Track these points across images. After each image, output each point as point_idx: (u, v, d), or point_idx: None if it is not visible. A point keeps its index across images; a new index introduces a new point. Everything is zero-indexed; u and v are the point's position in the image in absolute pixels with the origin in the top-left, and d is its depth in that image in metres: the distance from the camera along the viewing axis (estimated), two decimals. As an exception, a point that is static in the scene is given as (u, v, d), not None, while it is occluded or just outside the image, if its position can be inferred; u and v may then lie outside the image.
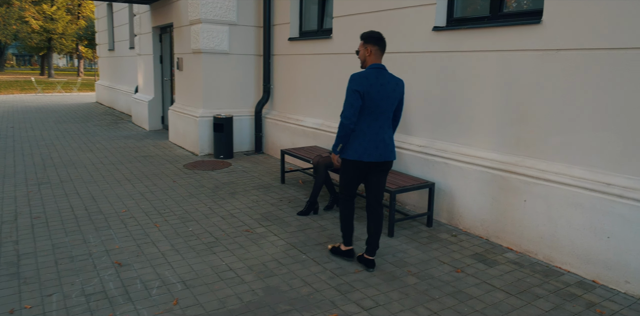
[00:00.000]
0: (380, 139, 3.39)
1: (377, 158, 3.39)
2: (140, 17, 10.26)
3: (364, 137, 3.36)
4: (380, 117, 3.38)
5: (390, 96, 3.37)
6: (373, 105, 3.32)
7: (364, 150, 3.36)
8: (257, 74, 7.88)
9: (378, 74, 3.35)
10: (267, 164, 7.03)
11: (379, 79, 3.33)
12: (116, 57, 14.26)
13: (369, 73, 3.34)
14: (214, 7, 7.24)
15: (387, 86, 3.35)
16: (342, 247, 3.78)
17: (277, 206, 5.06)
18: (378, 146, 3.39)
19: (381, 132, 3.40)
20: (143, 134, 9.69)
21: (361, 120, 3.36)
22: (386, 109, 3.38)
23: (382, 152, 3.41)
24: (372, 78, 3.32)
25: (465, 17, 4.52)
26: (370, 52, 3.42)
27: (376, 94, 3.31)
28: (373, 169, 3.48)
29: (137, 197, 5.30)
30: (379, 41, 3.43)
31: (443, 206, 4.62)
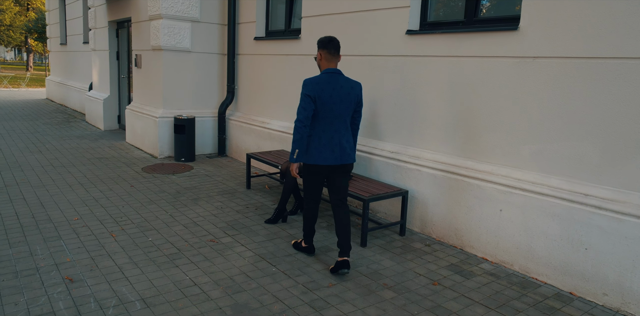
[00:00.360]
0: (336, 143, 3.48)
1: (333, 161, 3.48)
2: (95, 10, 9.73)
3: (320, 142, 3.46)
4: (335, 122, 3.47)
5: (345, 99, 3.45)
6: (326, 109, 3.41)
7: (319, 154, 3.45)
8: (220, 73, 7.58)
9: (330, 78, 3.43)
10: (231, 168, 6.75)
11: (331, 84, 3.41)
12: (69, 52, 13.55)
13: (321, 78, 3.43)
14: (176, 2, 6.90)
15: (341, 90, 3.43)
16: (302, 243, 3.92)
17: (243, 214, 4.82)
18: (334, 149, 3.47)
19: (337, 136, 3.48)
20: (98, 134, 9.18)
21: (316, 125, 3.46)
22: (341, 113, 3.46)
23: (339, 155, 3.49)
24: (324, 83, 3.40)
25: (439, 22, 4.43)
26: (322, 57, 3.52)
27: (328, 98, 3.40)
28: (333, 172, 3.57)
29: (90, 203, 4.93)
30: (327, 45, 3.49)
31: (416, 215, 4.51)
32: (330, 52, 3.49)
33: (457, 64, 4.12)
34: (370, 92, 4.98)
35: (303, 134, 3.40)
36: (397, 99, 4.69)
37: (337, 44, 3.52)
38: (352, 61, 5.15)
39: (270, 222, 4.58)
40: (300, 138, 3.40)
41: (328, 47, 3.49)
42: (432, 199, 4.34)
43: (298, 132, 3.39)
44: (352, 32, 5.11)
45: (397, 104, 4.70)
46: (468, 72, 4.05)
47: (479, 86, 3.97)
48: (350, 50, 5.16)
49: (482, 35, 3.91)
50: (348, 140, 3.55)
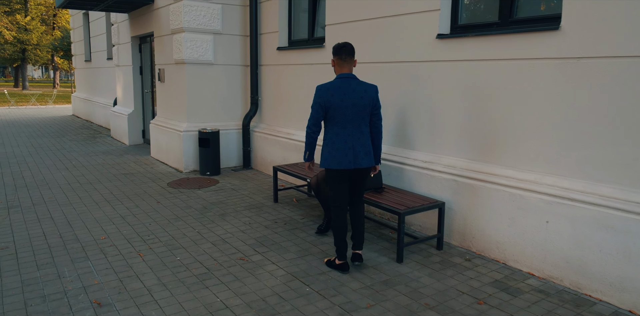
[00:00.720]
0: (349, 147, 3.52)
1: (347, 165, 3.53)
2: (118, 26, 9.81)
3: (333, 146, 3.54)
4: (347, 126, 3.53)
5: (357, 103, 3.49)
6: (338, 114, 3.49)
7: (333, 158, 3.53)
8: (244, 85, 7.50)
9: (342, 83, 3.51)
10: (257, 181, 6.63)
11: (343, 89, 3.49)
12: (93, 68, 13.73)
13: (333, 83, 3.53)
14: (198, 15, 6.86)
15: (353, 94, 3.49)
16: (336, 261, 3.75)
17: (272, 229, 4.66)
18: (347, 153, 3.52)
19: (350, 140, 3.53)
20: (123, 149, 9.19)
21: (328, 130, 3.58)
22: (353, 117, 3.52)
23: (352, 159, 3.53)
24: (335, 88, 3.49)
25: (471, 24, 4.23)
26: (334, 63, 3.63)
27: (340, 102, 3.47)
28: (351, 176, 3.66)
29: (117, 221, 4.85)
30: (338, 51, 3.59)
31: (453, 227, 4.28)
32: (342, 58, 3.58)
33: (492, 67, 3.92)
34: (400, 99, 4.80)
35: (311, 139, 3.64)
36: (429, 106, 4.50)
37: (349, 50, 3.59)
38: (380, 68, 4.99)
39: (321, 232, 4.50)
40: (309, 142, 3.66)
41: (339, 53, 3.58)
42: (471, 211, 4.11)
43: (307, 137, 3.66)
44: (379, 39, 4.95)
45: (428, 111, 4.51)
46: (505, 76, 3.83)
47: (517, 90, 3.75)
48: (378, 57, 5.00)
49: (519, 37, 3.69)
50: (363, 144, 3.57)
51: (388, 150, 4.98)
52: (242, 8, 7.26)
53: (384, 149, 5.03)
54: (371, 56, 5.07)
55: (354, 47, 3.63)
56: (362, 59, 5.19)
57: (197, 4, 6.83)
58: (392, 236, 4.51)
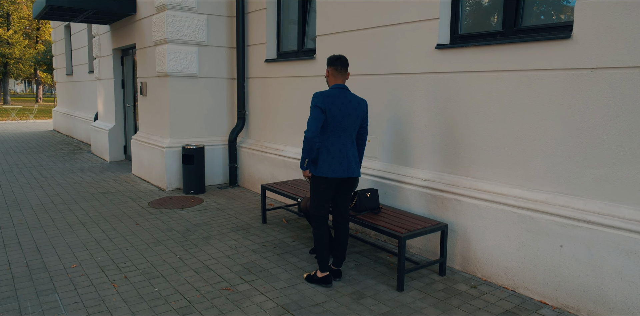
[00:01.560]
0: (343, 156, 3.55)
1: (341, 173, 3.54)
2: (99, 38, 9.48)
3: (328, 154, 3.52)
4: (342, 135, 3.55)
5: (352, 113, 3.54)
6: (335, 122, 3.48)
7: (328, 166, 3.51)
8: (230, 99, 7.19)
9: (339, 93, 3.53)
10: (244, 200, 6.27)
11: (340, 98, 3.51)
12: (74, 82, 13.33)
13: (331, 92, 3.52)
14: (182, 26, 6.56)
15: (349, 104, 3.53)
16: (318, 274, 3.67)
17: (261, 254, 4.31)
18: (341, 162, 3.54)
19: (344, 149, 3.56)
20: (103, 166, 8.78)
21: (324, 138, 3.52)
22: (348, 126, 3.54)
23: (346, 168, 3.56)
24: (334, 96, 3.50)
25: (472, 34, 3.99)
26: (329, 74, 3.65)
27: (338, 111, 3.47)
28: (339, 186, 3.65)
29: (92, 246, 4.45)
30: (334, 62, 3.61)
31: (456, 251, 3.97)
32: (337, 69, 3.60)
33: (497, 79, 3.66)
34: (395, 113, 4.52)
35: (312, 144, 3.46)
36: (428, 120, 4.22)
37: (345, 62, 3.62)
38: (375, 81, 4.72)
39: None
40: (309, 148, 3.47)
41: (335, 64, 3.60)
42: (475, 233, 3.81)
43: (308, 143, 3.45)
44: (374, 50, 4.69)
45: (427, 126, 4.23)
46: (510, 88, 3.58)
47: (524, 103, 3.49)
48: (372, 69, 4.73)
49: (526, 47, 3.45)
50: (354, 154, 3.63)
51: (384, 167, 4.68)
52: (228, 19, 6.99)
53: (379, 166, 4.73)
54: (365, 68, 4.80)
55: (347, 60, 3.67)
56: (355, 71, 4.92)
57: (181, 15, 6.55)
58: (390, 260, 4.18)
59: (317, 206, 3.65)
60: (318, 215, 3.66)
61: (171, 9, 6.47)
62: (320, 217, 3.66)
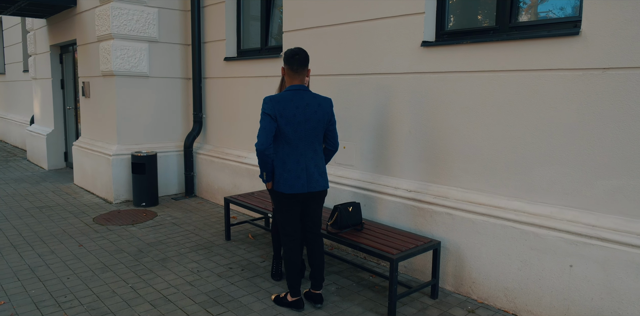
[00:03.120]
0: (302, 168, 3.10)
1: (300, 189, 3.10)
2: (34, 33, 8.56)
3: (284, 168, 3.09)
4: (300, 144, 3.09)
5: (312, 118, 3.08)
6: (290, 130, 3.04)
7: (285, 181, 3.08)
8: (185, 101, 6.57)
9: (294, 96, 3.06)
10: (203, 212, 5.68)
11: (295, 102, 3.04)
12: (8, 81, 12.16)
13: (283, 96, 3.07)
14: (129, 20, 5.89)
15: (307, 109, 3.07)
16: (288, 297, 3.28)
17: (227, 278, 3.77)
18: (300, 175, 3.09)
19: (303, 161, 3.11)
20: (40, 175, 7.88)
21: (279, 149, 3.09)
22: (307, 134, 3.09)
23: (305, 182, 3.11)
24: (286, 101, 3.03)
25: (461, 30, 3.62)
26: (284, 73, 3.19)
27: (292, 118, 3.03)
28: (304, 201, 3.22)
29: (24, 276, 3.76)
30: (289, 59, 3.13)
31: (448, 270, 3.59)
32: (293, 68, 3.11)
33: (493, 80, 3.31)
34: (375, 117, 4.11)
35: (266, 157, 3.03)
36: (413, 125, 3.83)
37: (302, 59, 3.12)
38: (350, 81, 4.28)
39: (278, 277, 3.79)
40: (264, 161, 3.06)
41: (290, 62, 3.12)
42: (470, 250, 3.44)
43: (260, 156, 3.03)
44: (350, 47, 4.26)
45: (412, 131, 3.84)
46: (509, 90, 3.23)
47: (525, 106, 3.15)
48: (347, 69, 4.29)
49: (527, 44, 3.11)
50: (317, 164, 3.18)
51: (362, 177, 4.25)
52: (182, 13, 6.37)
53: (357, 175, 4.30)
54: (340, 68, 4.36)
55: (308, 55, 3.18)
56: (328, 71, 4.47)
57: (128, 7, 5.87)
58: (374, 281, 3.76)
59: (283, 224, 3.23)
60: (288, 235, 3.24)
61: (117, 0, 5.79)
62: (291, 237, 3.24)
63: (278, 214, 3.26)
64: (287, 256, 3.23)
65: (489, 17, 3.54)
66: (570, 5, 3.11)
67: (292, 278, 3.22)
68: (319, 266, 3.29)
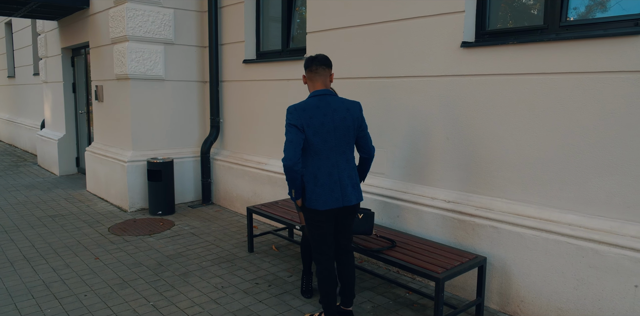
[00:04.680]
0: (335, 181, 2.84)
1: (333, 204, 2.84)
2: (45, 36, 8.39)
3: (315, 182, 2.82)
4: (331, 155, 2.84)
5: (341, 125, 2.83)
6: (319, 141, 2.79)
7: (317, 197, 2.82)
8: (201, 105, 6.36)
9: (320, 102, 2.81)
10: (222, 221, 5.45)
11: (322, 109, 2.80)
12: (17, 85, 12.02)
13: (308, 103, 2.81)
14: (145, 21, 5.69)
15: (335, 115, 2.82)
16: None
17: (255, 296, 3.53)
18: (333, 189, 2.84)
19: (336, 173, 2.85)
20: (52, 181, 7.70)
21: (309, 162, 2.83)
22: (337, 143, 2.84)
23: (339, 196, 2.86)
24: (313, 109, 2.79)
25: (504, 30, 3.38)
26: (306, 79, 2.97)
27: (319, 127, 2.78)
28: (337, 216, 2.97)
29: (39, 293, 3.55)
30: (309, 64, 2.91)
31: (492, 287, 3.35)
32: (313, 71, 2.89)
33: (541, 83, 3.06)
34: (408, 123, 3.87)
35: (295, 173, 2.75)
36: (451, 131, 3.58)
37: (322, 60, 2.90)
38: (380, 85, 4.05)
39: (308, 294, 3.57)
40: (293, 177, 2.77)
41: (310, 66, 2.91)
42: (518, 266, 3.19)
43: (288, 172, 2.74)
44: (381, 49, 4.02)
45: (450, 138, 3.59)
46: (561, 94, 2.98)
47: (580, 111, 2.90)
48: (378, 72, 4.06)
49: (581, 45, 2.86)
50: (350, 175, 2.92)
51: (394, 186, 4.01)
52: (198, 14, 6.16)
53: (388, 184, 4.06)
54: (369, 70, 4.13)
55: (329, 58, 2.95)
56: (356, 74, 4.24)
57: (143, 8, 5.67)
58: (411, 298, 3.51)
59: (318, 243, 2.95)
60: (323, 254, 2.97)
61: (132, 1, 5.59)
62: (327, 256, 2.98)
63: (310, 233, 2.98)
64: (323, 275, 2.97)
65: (535, 16, 3.30)
66: (629, 2, 2.86)
67: (327, 298, 2.98)
68: (350, 283, 3.09)
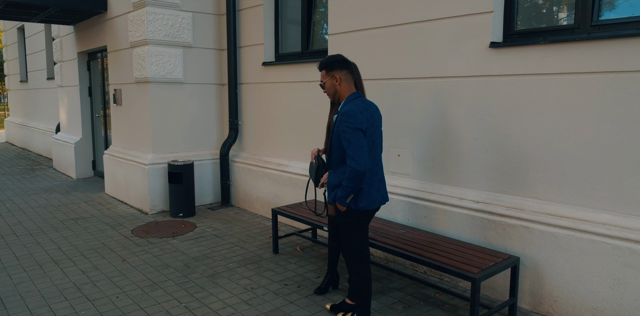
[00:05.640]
0: (379, 179, 2.93)
1: (380, 201, 2.92)
2: (61, 41, 8.45)
3: (371, 185, 2.84)
4: (377, 156, 2.92)
5: (378, 126, 2.92)
6: (370, 142, 2.83)
7: (369, 196, 2.83)
8: (219, 107, 6.38)
9: (364, 104, 2.84)
10: (244, 223, 5.47)
11: (369, 110, 2.83)
12: (30, 89, 12.10)
13: (360, 105, 2.80)
14: (164, 24, 5.73)
15: (375, 115, 2.89)
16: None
17: (285, 297, 3.54)
18: (380, 187, 2.92)
19: (380, 171, 2.95)
20: (70, 184, 7.75)
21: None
22: (379, 144, 2.93)
23: (384, 193, 2.97)
24: (364, 111, 2.79)
25: (533, 30, 3.38)
26: (340, 80, 2.92)
27: (371, 128, 2.83)
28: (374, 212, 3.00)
29: (71, 294, 3.58)
30: (346, 64, 2.92)
31: (524, 287, 3.34)
32: (352, 72, 2.92)
33: (573, 83, 3.06)
34: (435, 123, 3.87)
35: (363, 180, 2.72)
36: (479, 131, 3.59)
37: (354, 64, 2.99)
38: (405, 85, 4.06)
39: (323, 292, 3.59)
40: (358, 184, 2.72)
41: (348, 66, 2.92)
42: (551, 266, 3.19)
43: (359, 178, 2.68)
44: (406, 50, 4.03)
45: (479, 138, 3.59)
46: (593, 94, 2.98)
47: (613, 110, 2.90)
48: (403, 73, 4.07)
49: (612, 44, 2.86)
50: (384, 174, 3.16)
51: (421, 186, 4.02)
52: (216, 17, 6.19)
53: (415, 185, 4.07)
54: (394, 71, 4.14)
55: None
56: (381, 75, 4.25)
57: (163, 12, 5.71)
58: (441, 298, 3.51)
59: (363, 245, 2.96)
60: (366, 255, 2.98)
61: (151, 5, 5.63)
62: (366, 257, 2.99)
63: (356, 237, 2.92)
64: (367, 279, 2.97)
65: (566, 16, 3.30)
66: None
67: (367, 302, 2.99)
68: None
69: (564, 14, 3.31)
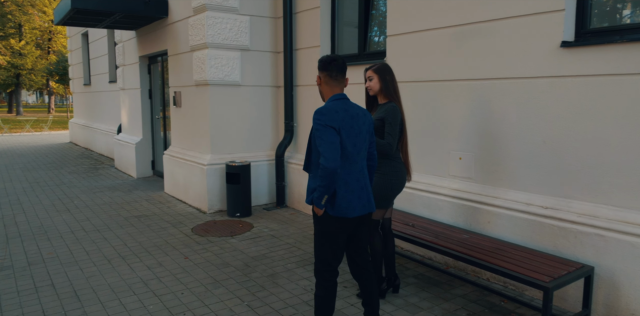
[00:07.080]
0: (362, 187, 2.77)
1: (360, 210, 2.74)
2: (123, 45, 8.82)
3: (347, 188, 2.70)
4: (358, 160, 2.76)
5: (362, 130, 2.76)
6: (350, 144, 2.69)
7: (348, 204, 2.69)
8: (275, 109, 6.47)
9: (345, 106, 2.72)
10: (299, 224, 5.51)
11: (349, 112, 2.71)
12: (93, 92, 12.71)
13: (337, 105, 2.70)
14: (223, 28, 5.86)
15: (358, 119, 2.74)
16: None
17: (345, 299, 3.54)
18: (361, 195, 2.75)
19: (362, 178, 2.79)
20: (131, 183, 8.07)
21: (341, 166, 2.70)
22: (362, 147, 2.77)
23: (366, 202, 2.77)
24: (342, 111, 2.68)
25: (607, 29, 3.23)
26: (321, 81, 2.83)
27: (350, 129, 2.68)
28: (357, 225, 2.81)
29: (139, 289, 3.71)
30: (327, 66, 2.77)
31: (598, 298, 3.19)
32: (332, 76, 2.77)
33: (657, 84, 2.89)
34: (498, 126, 3.76)
35: (336, 177, 2.60)
36: (548, 134, 3.45)
37: (342, 65, 2.79)
38: (467, 87, 3.96)
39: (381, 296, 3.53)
40: (332, 182, 2.60)
41: (329, 68, 2.76)
42: (628, 277, 3.02)
43: (329, 176, 2.56)
44: (468, 51, 3.95)
45: (547, 141, 3.46)
46: (680, 95, 2.81)
47: None
48: (464, 74, 3.98)
49: None
50: (369, 182, 2.86)
51: (484, 191, 3.91)
52: (272, 20, 6.28)
53: (476, 189, 3.97)
54: (456, 73, 4.06)
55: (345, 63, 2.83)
56: (439, 77, 4.18)
57: (222, 16, 5.85)
58: (508, 307, 3.40)
59: (329, 255, 2.75)
60: (331, 270, 2.77)
61: (211, 9, 5.78)
62: (334, 272, 2.78)
63: (325, 245, 2.74)
64: (322, 300, 2.77)
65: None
66: None
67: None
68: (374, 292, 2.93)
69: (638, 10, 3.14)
